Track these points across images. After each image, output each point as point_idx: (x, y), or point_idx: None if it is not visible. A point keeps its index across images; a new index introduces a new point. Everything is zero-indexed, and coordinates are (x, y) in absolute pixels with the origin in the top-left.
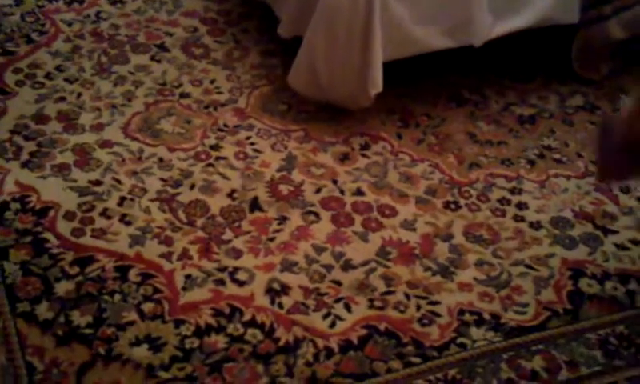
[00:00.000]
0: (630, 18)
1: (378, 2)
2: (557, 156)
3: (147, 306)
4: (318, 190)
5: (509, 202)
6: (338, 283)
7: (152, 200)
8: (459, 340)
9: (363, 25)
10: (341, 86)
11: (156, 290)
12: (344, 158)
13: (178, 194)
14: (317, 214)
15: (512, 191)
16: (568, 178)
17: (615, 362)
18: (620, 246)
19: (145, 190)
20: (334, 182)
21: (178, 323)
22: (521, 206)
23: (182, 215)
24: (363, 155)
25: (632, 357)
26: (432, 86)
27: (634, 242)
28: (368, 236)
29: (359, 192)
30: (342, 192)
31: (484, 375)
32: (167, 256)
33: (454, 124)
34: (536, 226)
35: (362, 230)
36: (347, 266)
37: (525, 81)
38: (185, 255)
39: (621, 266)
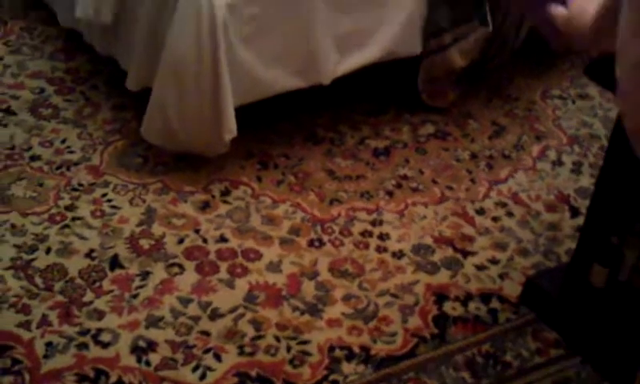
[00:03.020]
0: (468, 46)
1: (223, 48)
2: (413, 185)
3: (6, 380)
4: (181, 241)
5: (371, 234)
6: (207, 333)
7: (6, 268)
8: (331, 377)
9: (211, 72)
10: (195, 134)
11: (15, 362)
12: (205, 206)
13: (34, 259)
14: (180, 266)
15: (373, 223)
16: (425, 205)
17: (482, 381)
18: (479, 267)
19: None
20: (196, 231)
21: None
22: (382, 236)
23: (38, 281)
24: (224, 201)
25: (497, 373)
26: (288, 126)
27: (492, 262)
28: (234, 282)
29: (222, 239)
30: (204, 240)
31: None
32: (25, 325)
33: (312, 162)
34: (398, 255)
35: (228, 277)
36: (215, 315)
37: (377, 114)
38: (44, 322)
39: (482, 285)
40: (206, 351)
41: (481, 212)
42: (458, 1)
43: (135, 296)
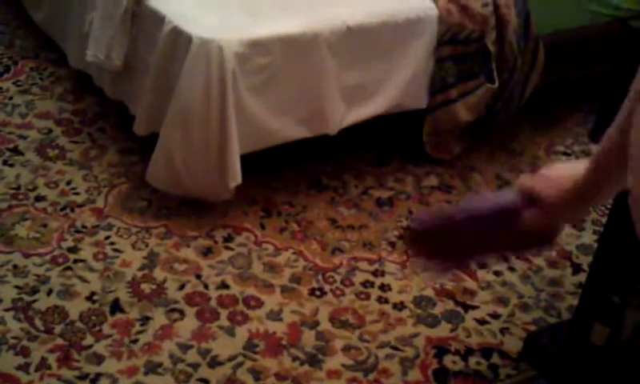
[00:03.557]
0: (475, 101)
1: (231, 97)
2: None
3: None
4: (182, 287)
5: (372, 285)
6: (205, 381)
7: (7, 309)
8: None
9: (218, 120)
10: (199, 180)
11: None
12: (207, 252)
13: (35, 301)
14: (181, 311)
15: (375, 274)
16: None
17: None
18: (480, 321)
19: None
20: (198, 276)
21: None
22: (384, 287)
23: (38, 323)
24: (227, 247)
25: None
26: (292, 174)
27: (493, 316)
28: (234, 330)
29: (224, 285)
30: (206, 286)
31: None
32: (24, 367)
33: (315, 210)
34: (399, 306)
35: (228, 324)
36: (214, 363)
37: (381, 164)
38: (43, 365)
39: (482, 340)
40: None
41: (482, 266)
42: (465, 57)
43: (135, 341)
